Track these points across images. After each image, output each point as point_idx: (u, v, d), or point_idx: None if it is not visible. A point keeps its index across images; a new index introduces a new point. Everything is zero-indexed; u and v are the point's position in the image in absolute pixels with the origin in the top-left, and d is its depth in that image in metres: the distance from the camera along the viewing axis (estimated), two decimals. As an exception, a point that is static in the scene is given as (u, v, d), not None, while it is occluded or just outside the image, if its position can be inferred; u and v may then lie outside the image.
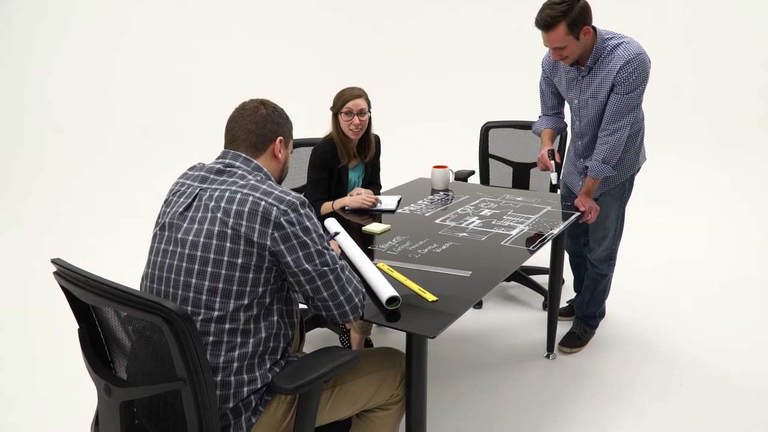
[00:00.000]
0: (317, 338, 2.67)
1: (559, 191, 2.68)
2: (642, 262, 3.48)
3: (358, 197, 2.36)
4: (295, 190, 2.74)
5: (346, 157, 2.44)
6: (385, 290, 1.47)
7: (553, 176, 2.36)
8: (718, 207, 4.41)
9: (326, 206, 2.38)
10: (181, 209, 1.33)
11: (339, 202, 2.38)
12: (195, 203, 1.33)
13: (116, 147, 4.88)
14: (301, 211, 1.29)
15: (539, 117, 2.60)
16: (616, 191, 2.42)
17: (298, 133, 2.83)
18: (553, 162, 2.35)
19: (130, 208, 4.26)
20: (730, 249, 3.76)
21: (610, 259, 2.54)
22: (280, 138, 1.44)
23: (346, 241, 1.85)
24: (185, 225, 1.30)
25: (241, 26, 5.29)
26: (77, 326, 1.29)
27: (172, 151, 4.77)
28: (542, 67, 2.46)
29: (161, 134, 4.93)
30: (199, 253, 1.26)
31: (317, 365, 1.26)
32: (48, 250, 3.82)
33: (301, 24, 5.51)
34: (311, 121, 3.05)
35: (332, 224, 2.06)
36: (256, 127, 1.41)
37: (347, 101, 2.36)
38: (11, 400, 2.30)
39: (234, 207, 1.27)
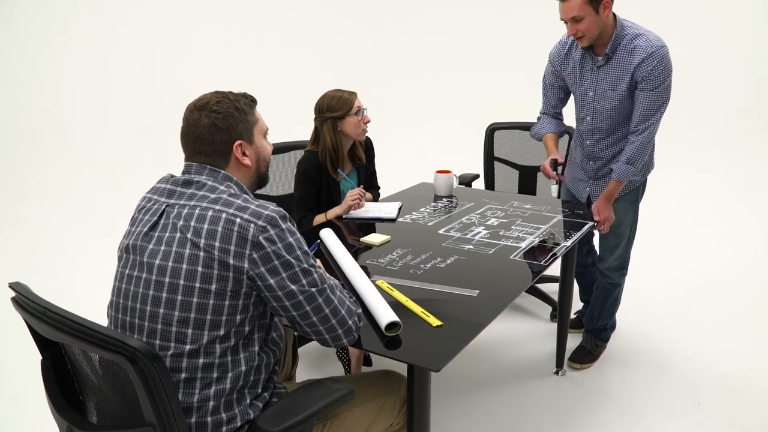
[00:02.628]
0: (312, 353, 2.54)
1: (561, 197, 2.55)
2: (650, 266, 3.33)
3: (344, 202, 2.22)
4: (285, 198, 2.61)
5: (340, 166, 2.28)
6: (385, 314, 1.33)
7: (554, 189, 2.24)
8: (724, 209, 4.28)
9: (319, 218, 2.24)
10: (146, 229, 1.18)
11: (333, 212, 2.23)
12: (162, 221, 1.17)
13: (116, 147, 4.82)
14: (283, 226, 1.14)
15: (539, 118, 2.46)
16: (631, 196, 2.28)
17: (296, 135, 2.73)
18: (556, 174, 2.22)
19: (129, 209, 4.17)
20: (738, 252, 3.63)
21: (623, 268, 2.40)
22: (238, 142, 1.23)
23: (342, 255, 1.71)
24: (151, 247, 1.15)
25: (241, 26, 5.22)
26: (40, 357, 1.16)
27: (172, 151, 4.67)
28: (550, 59, 2.32)
29: (161, 134, 4.83)
30: (167, 280, 1.11)
31: (307, 403, 1.12)
32: (48, 250, 3.80)
33: (300, 24, 5.40)
34: (310, 122, 2.93)
35: (327, 235, 1.92)
36: (204, 144, 1.21)
37: (353, 101, 2.22)
38: (11, 400, 2.23)
39: (205, 226, 1.12)
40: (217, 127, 1.21)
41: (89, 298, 1.17)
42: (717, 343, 2.61)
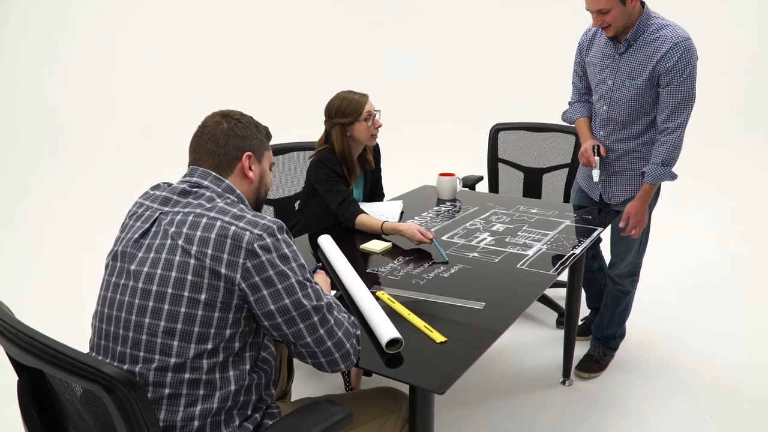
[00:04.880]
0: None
1: (571, 202, 2.47)
2: (661, 271, 3.25)
3: (414, 228, 1.89)
4: (284, 200, 2.53)
5: (352, 174, 2.18)
6: (386, 330, 1.25)
7: (596, 173, 2.16)
8: (734, 212, 4.20)
9: (371, 223, 2.00)
10: (136, 236, 1.12)
11: (393, 227, 1.94)
12: (153, 229, 1.12)
13: (116, 147, 4.77)
14: (279, 236, 1.08)
15: (570, 104, 2.40)
16: None
17: (295, 136, 2.66)
18: (597, 158, 2.15)
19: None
20: (743, 254, 3.55)
21: (634, 275, 2.31)
22: (248, 153, 1.23)
23: (340, 264, 1.63)
24: (140, 254, 1.10)
25: (241, 26, 5.15)
26: (16, 378, 1.08)
27: (172, 151, 4.63)
28: (578, 46, 2.27)
29: (162, 135, 4.79)
30: (154, 288, 1.06)
31: (301, 429, 1.05)
32: (48, 250, 3.75)
33: (301, 24, 5.33)
34: (310, 123, 2.87)
35: (325, 242, 1.84)
36: (217, 146, 1.20)
37: (363, 106, 2.10)
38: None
39: (198, 233, 1.06)
40: (234, 133, 1.22)
41: (90, 300, 1.12)
42: (728, 351, 2.53)
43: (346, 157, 2.14)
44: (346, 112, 2.10)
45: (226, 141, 1.20)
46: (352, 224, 2.04)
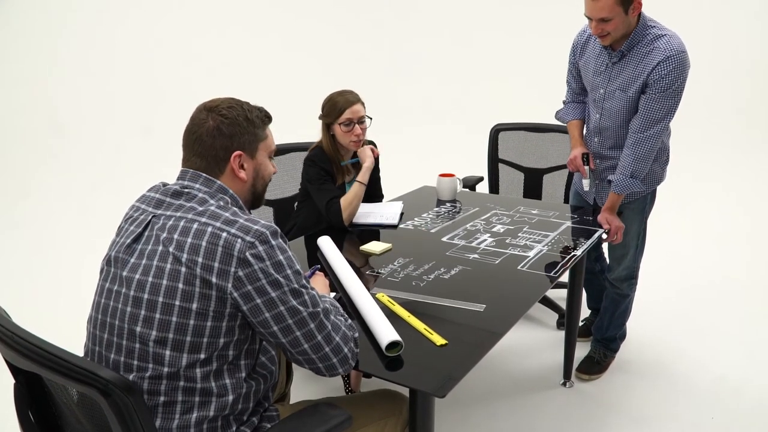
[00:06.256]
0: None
1: (570, 203, 2.46)
2: (662, 272, 3.24)
3: (366, 154, 2.13)
4: (282, 201, 2.52)
5: (341, 174, 2.19)
6: (385, 333, 1.24)
7: (586, 183, 2.17)
8: (734, 213, 4.19)
9: (353, 194, 2.08)
10: (129, 240, 1.10)
11: (362, 173, 2.11)
12: (146, 233, 1.10)
13: (116, 148, 4.76)
14: (272, 243, 1.05)
15: (564, 103, 2.38)
16: (638, 205, 2.19)
17: (294, 136, 2.65)
18: (587, 168, 2.15)
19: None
20: (747, 257, 3.53)
21: (631, 278, 2.30)
22: (237, 153, 1.16)
23: (339, 265, 1.62)
24: (132, 260, 1.08)
25: (241, 26, 5.15)
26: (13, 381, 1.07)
27: (172, 152, 4.62)
28: (572, 47, 2.24)
29: (162, 135, 4.78)
30: (146, 296, 1.04)
31: (300, 432, 1.04)
32: (48, 250, 3.74)
33: (301, 24, 5.32)
34: (310, 123, 2.86)
35: (325, 243, 1.83)
36: (203, 147, 1.14)
37: (344, 109, 2.09)
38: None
39: (189, 240, 1.04)
40: (220, 132, 1.14)
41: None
42: (728, 352, 2.52)
43: (331, 154, 2.15)
44: (328, 111, 2.12)
45: (212, 142, 1.14)
46: (340, 220, 2.04)
